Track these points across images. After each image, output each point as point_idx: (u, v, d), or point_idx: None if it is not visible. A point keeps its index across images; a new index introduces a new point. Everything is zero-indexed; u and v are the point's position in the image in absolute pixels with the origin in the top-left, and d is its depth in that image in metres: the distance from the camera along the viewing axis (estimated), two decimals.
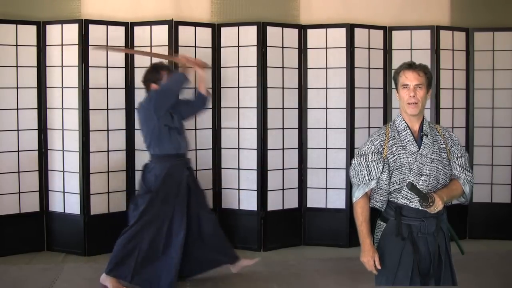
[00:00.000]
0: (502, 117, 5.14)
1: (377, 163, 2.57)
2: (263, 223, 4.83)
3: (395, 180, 2.57)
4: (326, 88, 4.92)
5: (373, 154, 2.59)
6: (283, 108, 4.88)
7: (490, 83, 5.14)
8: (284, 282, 4.03)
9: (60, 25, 4.65)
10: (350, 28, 4.87)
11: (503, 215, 5.14)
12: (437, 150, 2.58)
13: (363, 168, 2.60)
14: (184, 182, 3.90)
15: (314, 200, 4.97)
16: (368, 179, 2.59)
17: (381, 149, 2.60)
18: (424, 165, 2.54)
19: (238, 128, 4.85)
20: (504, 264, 4.47)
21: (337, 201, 4.92)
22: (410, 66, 2.58)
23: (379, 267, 2.59)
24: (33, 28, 4.65)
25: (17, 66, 4.62)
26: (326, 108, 4.92)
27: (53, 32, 4.67)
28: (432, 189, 2.54)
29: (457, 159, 2.63)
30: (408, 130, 2.59)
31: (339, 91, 4.89)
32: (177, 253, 3.74)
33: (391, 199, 2.60)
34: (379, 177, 2.58)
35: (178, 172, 3.90)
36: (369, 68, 4.96)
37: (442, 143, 2.61)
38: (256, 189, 4.81)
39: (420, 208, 2.49)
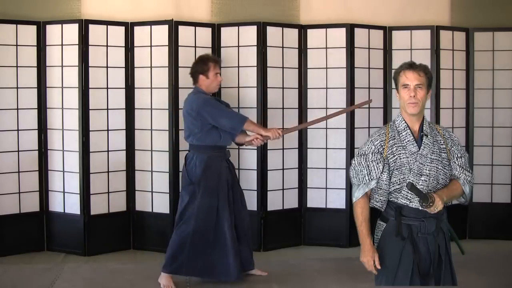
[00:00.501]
0: (502, 117, 5.14)
1: (377, 163, 2.58)
2: (263, 223, 4.83)
3: (395, 180, 2.57)
4: (326, 88, 4.92)
5: (373, 154, 2.59)
6: (283, 108, 4.88)
7: (490, 83, 5.14)
8: (284, 282, 4.02)
9: (60, 25, 4.65)
10: (350, 28, 4.87)
11: (503, 215, 5.14)
12: (437, 150, 2.59)
13: (363, 168, 2.60)
14: (224, 174, 3.91)
15: (314, 200, 4.97)
16: (368, 179, 2.59)
17: (381, 149, 2.60)
18: (424, 165, 2.55)
19: None
20: (504, 264, 4.47)
21: (337, 201, 4.92)
22: (410, 66, 2.59)
23: (378, 267, 2.59)
24: (33, 28, 4.65)
25: (17, 66, 4.62)
26: (326, 108, 4.92)
27: (53, 32, 4.67)
28: (432, 189, 2.54)
29: (457, 159, 2.63)
30: (408, 130, 2.59)
31: (339, 91, 4.89)
32: (228, 241, 3.80)
33: (391, 199, 2.60)
34: (379, 177, 2.58)
35: (216, 163, 3.90)
36: (369, 68, 4.96)
37: (442, 143, 2.62)
38: (256, 189, 4.80)
39: (420, 208, 2.49)
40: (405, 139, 2.59)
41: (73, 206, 4.65)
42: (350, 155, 4.84)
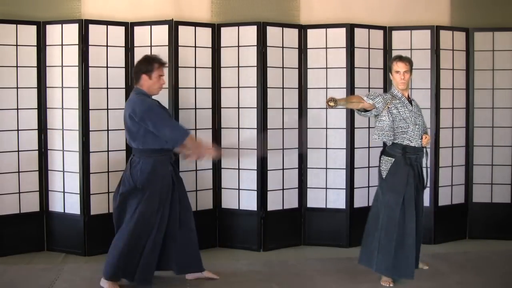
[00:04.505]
0: (502, 117, 5.14)
1: (383, 100, 3.87)
2: (263, 223, 4.83)
3: (402, 126, 3.88)
4: (326, 88, 4.92)
5: (383, 97, 3.89)
6: (283, 108, 4.88)
7: (490, 83, 5.14)
8: (284, 282, 4.03)
9: (60, 25, 4.65)
10: (350, 28, 4.88)
11: (503, 215, 5.14)
12: (419, 109, 4.04)
13: (376, 96, 3.87)
14: (167, 177, 3.83)
15: (314, 200, 4.98)
16: (375, 99, 3.85)
17: (388, 100, 3.90)
18: (417, 118, 3.96)
19: (238, 128, 4.85)
20: (504, 264, 4.47)
21: (337, 201, 4.93)
22: (400, 58, 3.95)
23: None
24: (33, 28, 4.65)
25: (17, 66, 4.62)
26: (326, 108, 4.91)
27: (53, 32, 4.67)
28: (421, 133, 3.94)
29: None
30: (404, 98, 3.96)
31: (339, 91, 4.89)
32: (159, 245, 3.80)
33: (397, 141, 3.89)
34: (382, 115, 3.86)
35: (162, 167, 3.82)
36: (369, 68, 4.96)
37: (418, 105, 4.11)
38: (256, 189, 4.81)
39: (416, 146, 3.91)
40: (404, 102, 3.94)
41: (73, 206, 4.65)
42: (350, 155, 4.85)
